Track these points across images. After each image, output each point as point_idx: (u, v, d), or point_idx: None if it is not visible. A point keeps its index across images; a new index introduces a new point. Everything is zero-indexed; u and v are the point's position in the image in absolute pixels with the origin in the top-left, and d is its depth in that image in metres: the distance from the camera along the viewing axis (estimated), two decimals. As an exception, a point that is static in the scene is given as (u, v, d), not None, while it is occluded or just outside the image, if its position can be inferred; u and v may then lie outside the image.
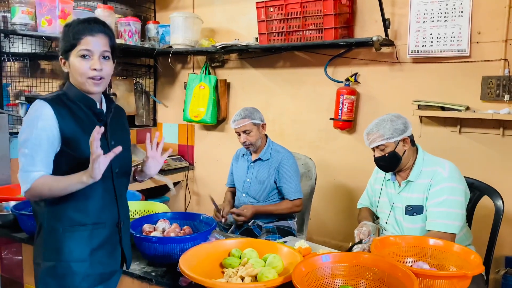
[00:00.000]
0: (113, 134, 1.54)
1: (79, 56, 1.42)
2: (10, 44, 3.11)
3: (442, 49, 2.68)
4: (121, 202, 1.56)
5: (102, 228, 1.49)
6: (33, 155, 1.39)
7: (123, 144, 1.46)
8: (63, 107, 1.43)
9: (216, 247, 1.68)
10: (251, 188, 2.59)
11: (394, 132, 1.96)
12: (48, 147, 1.40)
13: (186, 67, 3.92)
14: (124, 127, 1.65)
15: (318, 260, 1.45)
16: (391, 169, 2.04)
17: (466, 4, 2.59)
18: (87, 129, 1.43)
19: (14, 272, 2.05)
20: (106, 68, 1.46)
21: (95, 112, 1.50)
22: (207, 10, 3.68)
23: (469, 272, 1.38)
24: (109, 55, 1.47)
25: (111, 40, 1.49)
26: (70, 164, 1.43)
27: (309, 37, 2.94)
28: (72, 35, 1.42)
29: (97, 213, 1.48)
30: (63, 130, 1.41)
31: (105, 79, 1.47)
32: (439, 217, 1.88)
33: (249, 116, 2.51)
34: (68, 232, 1.45)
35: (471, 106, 2.63)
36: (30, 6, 2.86)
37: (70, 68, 1.46)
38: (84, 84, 1.44)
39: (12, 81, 3.31)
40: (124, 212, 1.59)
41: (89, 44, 1.42)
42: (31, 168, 1.39)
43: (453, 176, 1.94)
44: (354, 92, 2.99)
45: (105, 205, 1.50)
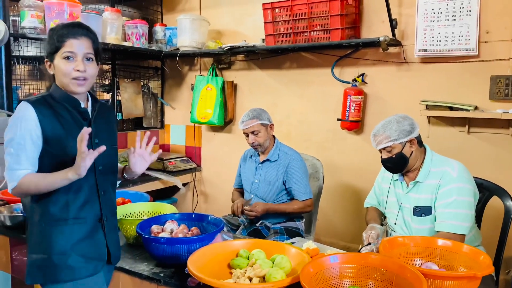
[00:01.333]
0: (98, 133, 1.60)
1: (63, 58, 1.49)
2: (20, 47, 3.14)
3: (450, 48, 2.66)
4: (104, 198, 1.60)
5: (83, 223, 1.55)
6: (18, 154, 1.47)
7: (108, 143, 1.54)
8: (47, 108, 1.50)
9: (224, 247, 1.68)
10: (259, 189, 2.59)
11: (400, 133, 1.95)
12: (32, 146, 1.48)
13: (193, 69, 3.93)
14: (110, 125, 1.69)
15: (326, 261, 1.45)
16: (398, 170, 2.03)
17: (474, 3, 2.57)
18: (70, 128, 1.51)
19: (24, 273, 2.07)
20: (90, 69, 1.53)
21: (79, 111, 1.56)
22: (213, 12, 3.70)
23: (478, 272, 1.37)
24: (92, 57, 1.54)
25: (94, 43, 1.56)
26: (53, 162, 1.50)
27: (316, 38, 2.93)
28: (57, 38, 1.50)
29: (77, 208, 1.54)
30: (44, 130, 1.48)
31: (88, 80, 1.53)
32: (448, 218, 1.87)
33: (257, 116, 2.52)
34: (49, 226, 1.52)
35: (479, 106, 2.61)
36: (39, 10, 2.89)
37: (55, 70, 1.52)
38: (68, 85, 1.51)
39: (22, 84, 3.34)
40: (108, 208, 1.63)
41: (73, 47, 1.49)
42: (17, 167, 1.47)
43: (462, 176, 1.92)
44: (361, 92, 2.98)
45: (86, 201, 1.55)
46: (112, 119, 1.74)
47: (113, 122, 1.74)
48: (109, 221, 1.64)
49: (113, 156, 1.67)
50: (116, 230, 1.71)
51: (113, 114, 1.79)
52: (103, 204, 1.60)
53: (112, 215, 1.68)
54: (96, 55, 1.57)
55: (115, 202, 1.73)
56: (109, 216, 1.64)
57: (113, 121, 1.74)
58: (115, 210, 1.72)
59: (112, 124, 1.71)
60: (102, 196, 1.60)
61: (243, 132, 2.56)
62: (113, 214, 1.68)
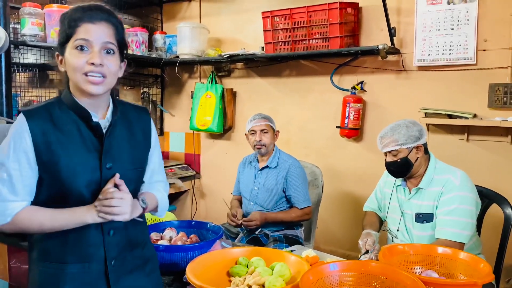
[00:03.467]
0: (114, 153, 1.23)
1: (75, 48, 1.14)
2: (20, 55, 3.15)
3: (448, 58, 2.68)
4: (109, 239, 1.24)
5: (84, 269, 1.22)
6: (12, 181, 1.15)
7: (127, 165, 1.25)
8: (47, 121, 1.17)
9: (223, 255, 1.68)
10: (258, 196, 2.58)
11: (408, 138, 1.95)
12: (29, 171, 1.16)
13: (193, 77, 3.94)
14: (135, 140, 1.31)
15: (325, 269, 1.44)
16: (401, 175, 2.02)
17: (472, 12, 2.59)
18: (75, 149, 1.18)
19: (22, 280, 2.06)
20: (109, 64, 1.16)
21: (91, 125, 1.21)
22: (213, 20, 3.72)
23: (479, 280, 1.36)
24: (113, 49, 1.18)
25: (117, 32, 1.20)
26: (50, 194, 1.20)
27: (315, 46, 2.95)
28: (68, 22, 1.15)
29: (61, 251, 1.21)
30: (38, 151, 1.15)
31: (106, 78, 1.17)
32: (449, 225, 1.87)
33: (268, 118, 2.60)
34: (37, 266, 1.25)
35: (478, 114, 2.62)
36: (40, 18, 2.91)
37: (66, 65, 1.18)
38: (80, 82, 1.15)
39: (22, 91, 3.35)
40: (116, 249, 1.26)
41: (88, 33, 1.14)
42: (11, 197, 1.16)
43: (465, 185, 1.92)
44: (360, 100, 2.99)
45: (87, 241, 1.22)
46: (139, 130, 1.32)
47: (140, 134, 1.32)
48: (120, 262, 1.27)
49: (134, 182, 1.29)
50: (138, 274, 1.32)
51: (143, 123, 1.35)
52: (107, 245, 1.24)
53: (128, 253, 1.30)
54: (120, 48, 1.21)
55: (136, 237, 1.33)
56: (120, 256, 1.27)
57: (141, 130, 1.33)
58: (136, 246, 1.32)
59: (137, 136, 1.31)
60: (107, 237, 1.24)
61: (251, 130, 2.56)
62: (128, 251, 1.30)
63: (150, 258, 1.39)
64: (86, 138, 1.20)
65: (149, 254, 1.39)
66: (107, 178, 1.20)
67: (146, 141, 1.35)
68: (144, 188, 1.37)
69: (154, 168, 1.39)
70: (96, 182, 1.20)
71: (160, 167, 1.42)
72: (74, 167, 1.17)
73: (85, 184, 1.18)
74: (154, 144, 1.37)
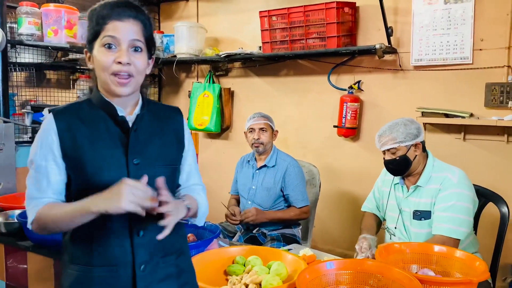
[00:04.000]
0: (141, 149, 1.18)
1: (103, 46, 1.13)
2: (17, 54, 3.15)
3: (445, 57, 2.69)
4: (139, 240, 1.16)
5: (111, 273, 1.15)
6: (38, 178, 1.15)
7: (157, 162, 1.18)
8: (75, 117, 1.16)
9: (220, 254, 1.68)
10: (256, 195, 2.59)
11: (407, 136, 1.96)
12: (56, 169, 1.15)
13: (190, 76, 3.94)
14: (166, 137, 1.25)
15: (322, 267, 1.45)
16: (400, 173, 2.03)
17: (468, 12, 2.60)
18: (102, 145, 1.15)
19: (19, 280, 2.06)
20: (137, 62, 1.14)
21: (117, 121, 1.18)
22: (211, 20, 3.72)
23: (474, 278, 1.37)
24: (141, 47, 1.16)
25: (146, 29, 1.17)
26: (76, 189, 1.16)
27: (312, 46, 2.95)
28: (96, 20, 1.14)
29: (87, 253, 1.15)
30: (64, 146, 1.14)
31: (134, 77, 1.15)
32: (445, 221, 1.88)
33: (267, 117, 2.61)
34: (66, 269, 1.20)
35: (475, 113, 2.63)
36: (37, 17, 2.90)
37: (94, 63, 1.17)
38: (107, 82, 1.14)
39: (18, 91, 3.35)
40: (147, 252, 1.17)
41: (116, 30, 1.12)
42: (38, 194, 1.15)
43: (463, 182, 1.93)
44: (357, 99, 2.99)
45: (112, 243, 1.15)
46: (171, 128, 1.27)
47: (172, 132, 1.27)
48: (152, 267, 1.17)
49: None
50: (171, 284, 1.21)
51: (175, 123, 1.30)
52: (137, 248, 1.15)
53: (160, 258, 1.20)
54: (148, 45, 1.19)
55: (170, 243, 1.21)
56: (151, 263, 1.17)
57: (173, 131, 1.27)
58: (171, 252, 1.22)
59: (169, 135, 1.25)
60: (136, 238, 1.15)
61: (250, 128, 2.57)
62: (160, 256, 1.20)
63: (185, 270, 1.27)
64: (113, 134, 1.17)
65: (185, 265, 1.27)
66: (135, 175, 1.11)
67: (179, 141, 1.28)
68: (182, 192, 1.30)
69: (190, 171, 1.33)
70: (123, 178, 1.10)
71: (196, 170, 1.36)
72: (100, 162, 1.13)
73: (111, 180, 1.09)
74: (188, 145, 1.31)
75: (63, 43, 2.88)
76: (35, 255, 1.95)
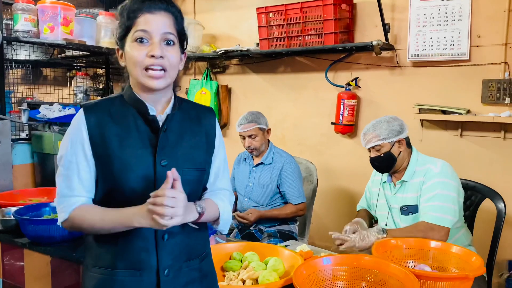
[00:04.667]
0: (170, 150, 1.15)
1: (135, 41, 1.10)
2: (13, 51, 3.13)
3: (442, 53, 2.69)
4: (163, 244, 1.14)
5: (134, 277, 1.13)
6: (69, 175, 1.12)
7: (187, 163, 1.15)
8: (106, 114, 1.13)
9: (217, 250, 1.68)
10: (253, 192, 2.59)
11: (390, 133, 1.98)
12: (86, 166, 1.12)
13: (188, 73, 3.93)
14: (197, 138, 1.21)
15: (319, 263, 1.45)
16: (386, 170, 2.05)
17: (465, 8, 2.60)
18: (131, 143, 1.12)
19: (16, 277, 2.05)
20: (170, 56, 1.11)
21: (148, 119, 1.15)
22: (208, 17, 3.71)
23: (470, 273, 1.37)
24: (174, 40, 1.13)
25: (177, 22, 1.15)
26: (104, 189, 1.14)
27: (310, 42, 2.95)
28: (127, 14, 1.12)
29: (111, 255, 1.14)
30: (94, 143, 1.12)
31: (167, 71, 1.12)
32: (431, 210, 1.89)
33: (255, 120, 2.53)
34: (89, 271, 1.18)
35: (472, 110, 2.63)
36: (33, 14, 2.88)
37: (126, 60, 1.14)
38: (140, 77, 1.11)
39: (15, 88, 3.33)
40: (171, 257, 1.15)
41: (147, 24, 1.10)
42: (68, 192, 1.13)
43: (445, 172, 1.94)
44: (354, 96, 2.99)
45: (138, 247, 1.13)
46: (202, 129, 1.23)
47: (203, 134, 1.23)
48: (176, 273, 1.15)
49: (192, 184, 1.17)
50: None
51: (207, 122, 1.25)
52: (161, 252, 1.13)
53: (183, 262, 1.17)
54: (181, 39, 1.16)
55: (195, 247, 1.21)
56: (175, 268, 1.15)
57: (204, 132, 1.23)
58: (195, 257, 1.21)
59: (199, 137, 1.22)
60: (161, 242, 1.13)
61: (240, 134, 2.56)
62: (183, 261, 1.18)
63: (208, 274, 1.25)
64: (142, 132, 1.14)
65: (208, 269, 1.25)
66: (162, 176, 1.07)
67: (210, 142, 1.25)
68: (206, 195, 1.26)
69: (217, 173, 1.28)
70: (150, 180, 1.11)
71: (224, 173, 1.31)
72: (127, 161, 1.10)
73: (138, 181, 1.10)
74: (218, 147, 1.27)
75: (60, 40, 2.86)
76: (32, 252, 1.95)
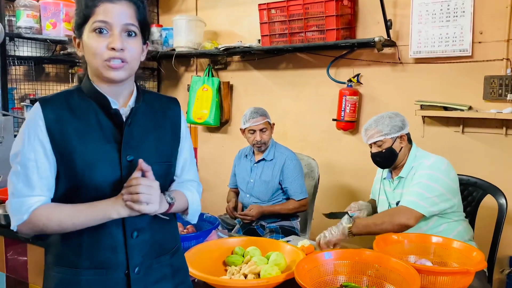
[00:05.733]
0: (135, 144, 1.11)
1: (93, 31, 1.04)
2: (15, 47, 3.14)
3: (444, 49, 2.68)
4: (133, 242, 1.10)
5: (100, 276, 1.09)
6: (27, 174, 1.04)
7: (152, 158, 1.10)
8: (63, 108, 1.07)
9: (219, 245, 1.69)
10: (254, 188, 2.59)
11: (392, 128, 1.99)
12: (46, 163, 1.05)
13: (189, 70, 3.94)
14: (162, 131, 1.18)
15: (320, 257, 1.46)
16: (387, 165, 2.06)
17: (467, 4, 2.59)
18: (92, 139, 1.07)
19: (19, 272, 2.07)
20: (131, 48, 1.06)
21: (110, 113, 1.10)
22: (210, 13, 3.71)
23: (471, 268, 1.38)
24: (135, 31, 1.07)
25: (139, 12, 1.09)
26: (66, 187, 1.08)
27: (311, 39, 2.95)
28: (85, 2, 1.05)
29: (75, 254, 1.09)
30: (53, 140, 1.05)
31: (128, 63, 1.06)
32: (410, 194, 1.89)
33: (264, 114, 2.56)
34: (50, 271, 1.13)
35: (473, 106, 2.63)
36: (35, 10, 2.90)
37: (84, 50, 1.08)
38: (99, 69, 1.05)
39: (17, 85, 3.34)
40: (140, 254, 1.12)
41: (107, 14, 1.03)
42: (27, 192, 1.04)
43: (436, 166, 1.93)
44: (356, 93, 2.99)
45: (104, 244, 1.09)
46: (167, 121, 1.20)
47: (169, 125, 1.20)
48: (144, 270, 1.12)
49: (159, 178, 1.10)
50: (166, 285, 1.17)
51: (172, 113, 1.23)
52: (131, 249, 1.10)
53: (155, 259, 1.15)
54: (142, 29, 1.10)
55: (165, 242, 1.19)
56: (145, 265, 1.13)
57: (169, 124, 1.20)
58: (165, 253, 1.18)
59: (165, 129, 1.19)
60: (130, 239, 1.10)
61: (250, 129, 2.53)
62: (155, 258, 1.15)
63: (180, 269, 1.23)
64: (105, 127, 1.08)
65: (179, 264, 1.23)
66: (129, 172, 1.06)
67: (175, 134, 1.21)
68: (173, 186, 1.23)
69: (184, 165, 1.26)
70: (116, 176, 1.07)
71: (191, 165, 1.28)
72: (91, 158, 1.05)
73: (103, 178, 1.06)
74: (184, 138, 1.24)
75: (62, 36, 2.88)
76: (35, 247, 1.96)
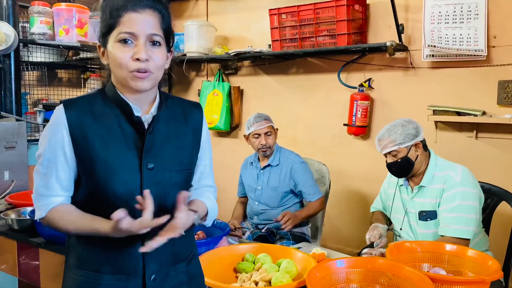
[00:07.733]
0: (157, 152, 1.11)
1: (119, 41, 1.04)
2: (29, 53, 3.19)
3: (458, 48, 2.61)
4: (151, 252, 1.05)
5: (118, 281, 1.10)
6: (47, 174, 1.09)
7: (173, 166, 1.11)
8: (87, 112, 1.08)
9: (230, 251, 1.68)
10: (263, 195, 2.58)
11: (405, 137, 1.94)
12: (65, 165, 1.08)
13: (200, 75, 3.95)
14: (183, 138, 1.17)
15: (332, 265, 1.44)
16: (404, 174, 2.01)
17: (481, 8, 2.56)
18: (114, 146, 1.07)
19: (31, 276, 2.08)
20: (156, 58, 1.05)
21: (133, 121, 1.10)
22: (220, 18, 3.72)
23: (487, 277, 1.35)
24: (160, 41, 1.07)
25: (164, 20, 1.08)
26: (86, 192, 1.10)
27: (322, 43, 2.94)
28: (110, 12, 1.04)
29: (97, 259, 1.11)
30: (76, 144, 1.07)
31: (153, 73, 1.06)
32: (453, 222, 1.86)
33: (268, 118, 2.56)
34: (71, 272, 1.14)
35: (487, 111, 2.59)
36: (48, 16, 2.93)
37: (109, 59, 1.08)
38: (125, 79, 1.05)
39: (31, 90, 3.39)
40: (158, 261, 1.12)
41: (132, 24, 1.03)
42: (46, 191, 1.10)
43: (466, 180, 1.91)
44: (368, 97, 2.97)
45: (120, 250, 1.09)
46: (189, 127, 1.19)
47: (190, 132, 1.19)
48: (162, 280, 1.13)
49: (179, 186, 1.13)
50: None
51: (194, 119, 1.21)
52: (148, 257, 1.10)
53: (173, 270, 1.16)
54: (167, 38, 1.09)
55: (182, 250, 1.18)
56: (162, 273, 1.13)
57: (190, 130, 1.19)
58: (182, 260, 1.18)
59: (186, 136, 1.18)
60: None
61: (255, 133, 2.52)
62: (170, 265, 1.15)
63: (196, 276, 1.23)
64: (127, 134, 1.09)
65: (195, 271, 1.23)
66: (149, 180, 1.07)
67: (196, 140, 1.21)
68: (193, 194, 1.23)
69: (203, 171, 1.27)
70: (136, 184, 1.07)
71: (210, 170, 1.30)
72: (111, 165, 1.06)
73: (123, 186, 1.06)
74: (204, 144, 1.24)
75: (74, 42, 2.91)
76: (47, 252, 1.97)
